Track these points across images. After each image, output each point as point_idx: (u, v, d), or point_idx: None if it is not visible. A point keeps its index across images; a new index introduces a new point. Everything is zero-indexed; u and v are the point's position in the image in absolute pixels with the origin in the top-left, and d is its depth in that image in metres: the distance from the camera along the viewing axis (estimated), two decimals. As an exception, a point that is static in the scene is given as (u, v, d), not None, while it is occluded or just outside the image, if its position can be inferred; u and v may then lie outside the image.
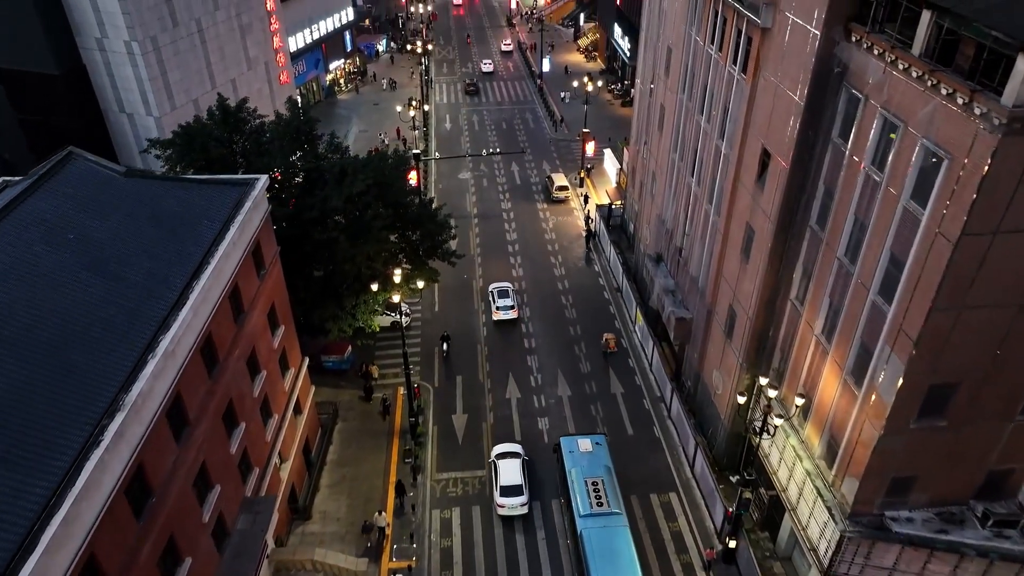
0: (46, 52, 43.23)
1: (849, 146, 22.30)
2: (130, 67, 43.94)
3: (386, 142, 62.35)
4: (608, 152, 58.88)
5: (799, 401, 25.50)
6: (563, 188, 56.75)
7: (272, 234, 29.24)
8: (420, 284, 34.06)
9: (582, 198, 56.86)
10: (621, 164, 55.70)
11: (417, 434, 34.48)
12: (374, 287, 31.52)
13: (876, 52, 20.43)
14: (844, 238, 23.07)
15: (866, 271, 21.81)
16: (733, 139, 29.20)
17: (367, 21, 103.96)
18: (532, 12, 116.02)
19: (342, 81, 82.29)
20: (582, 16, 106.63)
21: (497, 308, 42.78)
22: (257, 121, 34.78)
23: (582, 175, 58.73)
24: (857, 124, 21.80)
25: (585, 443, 31.61)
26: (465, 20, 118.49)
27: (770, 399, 25.00)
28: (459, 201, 57.59)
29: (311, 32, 72.64)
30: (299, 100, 50.28)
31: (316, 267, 32.95)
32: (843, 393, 23.47)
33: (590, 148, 57.97)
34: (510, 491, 30.66)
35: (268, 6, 54.52)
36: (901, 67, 19.29)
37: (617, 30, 77.89)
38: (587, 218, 53.22)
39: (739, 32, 28.32)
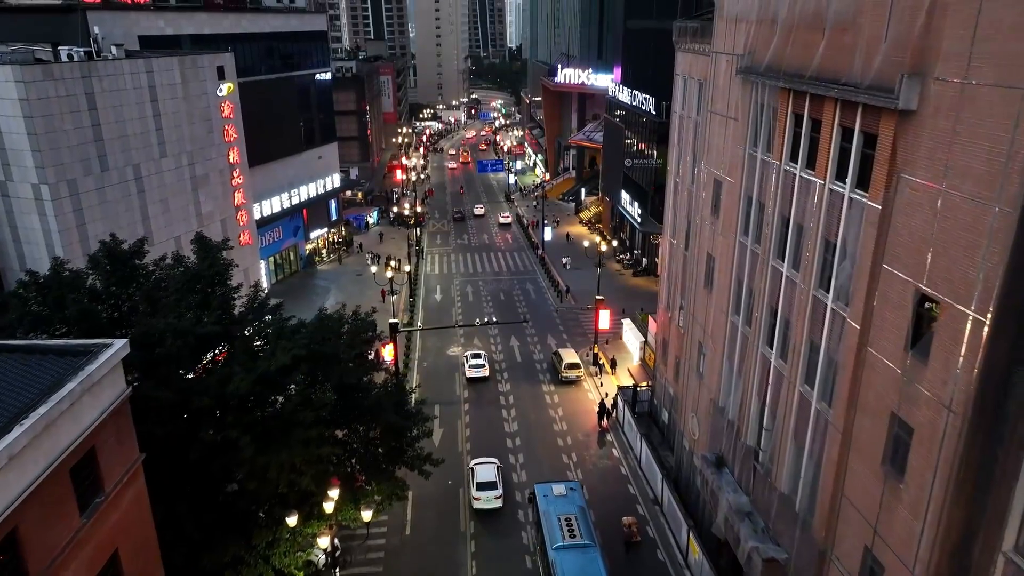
0: (-69, 197, 34.82)
1: None
2: (36, 215, 35.30)
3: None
4: (628, 323, 49.24)
5: None
6: (574, 366, 46.36)
7: (131, 433, 18.26)
8: (366, 516, 22.43)
9: (610, 362, 47.13)
10: (645, 337, 45.83)
11: None
12: (291, 520, 19.89)
13: None
14: None
15: None
16: (851, 288, 19.23)
17: (360, 195, 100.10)
18: (534, 189, 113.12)
19: (324, 251, 74.97)
20: (583, 191, 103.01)
21: (470, 367, 46.14)
22: (164, 272, 25.13)
23: (596, 351, 48.63)
24: None
25: (559, 488, 31.04)
26: (460, 181, 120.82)
27: None
28: (447, 383, 46.92)
29: (290, 197, 66.17)
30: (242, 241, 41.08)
31: (211, 484, 21.48)
32: None
33: (605, 318, 48.39)
34: (485, 486, 33.21)
35: (231, 158, 47.48)
36: None
37: (624, 196, 71.90)
38: (612, 400, 42.50)
39: (843, 132, 19.43)
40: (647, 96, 63.73)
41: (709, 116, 29.65)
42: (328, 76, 73.40)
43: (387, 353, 43.30)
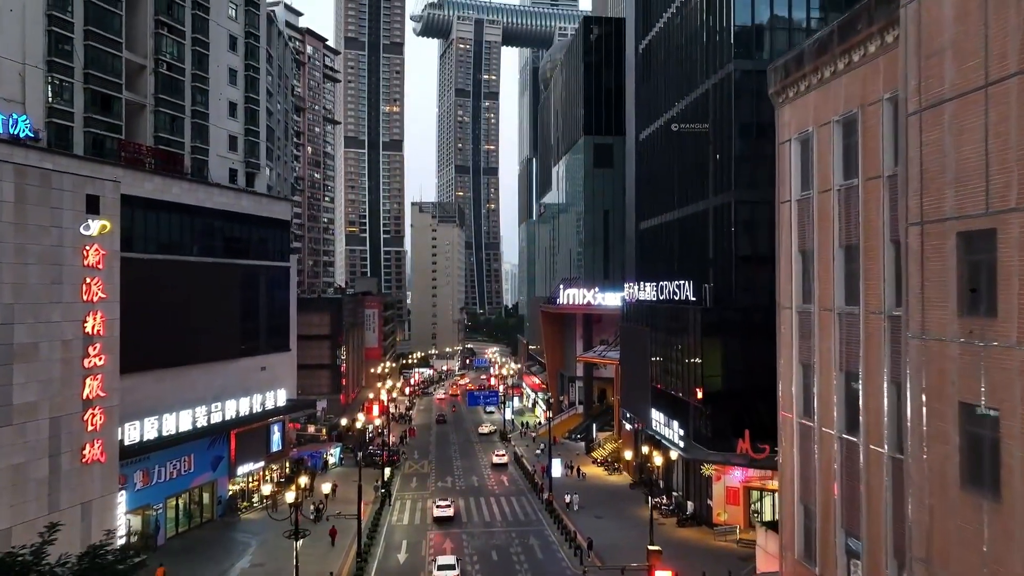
0: None
1: None
2: None
3: None
4: (708, 593, 29.46)
5: None
6: (621, 677, 25.93)
7: None
8: None
9: None
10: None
11: None
12: None
13: None
14: None
15: None
16: None
17: (323, 432, 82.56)
18: (534, 427, 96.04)
19: (256, 496, 55.44)
20: (594, 427, 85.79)
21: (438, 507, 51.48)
22: None
23: (654, 646, 28.36)
24: None
25: None
26: (450, 404, 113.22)
27: None
28: None
29: (210, 413, 49.03)
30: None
31: None
32: None
33: (665, 587, 28.76)
34: (445, 567, 38.36)
35: (90, 327, 31.58)
36: None
37: (656, 417, 54.87)
38: None
39: None
40: (682, 282, 50.24)
41: (925, 120, 14.66)
42: (287, 271, 60.57)
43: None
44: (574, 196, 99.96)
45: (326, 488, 40.98)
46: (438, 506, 51.25)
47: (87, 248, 31.57)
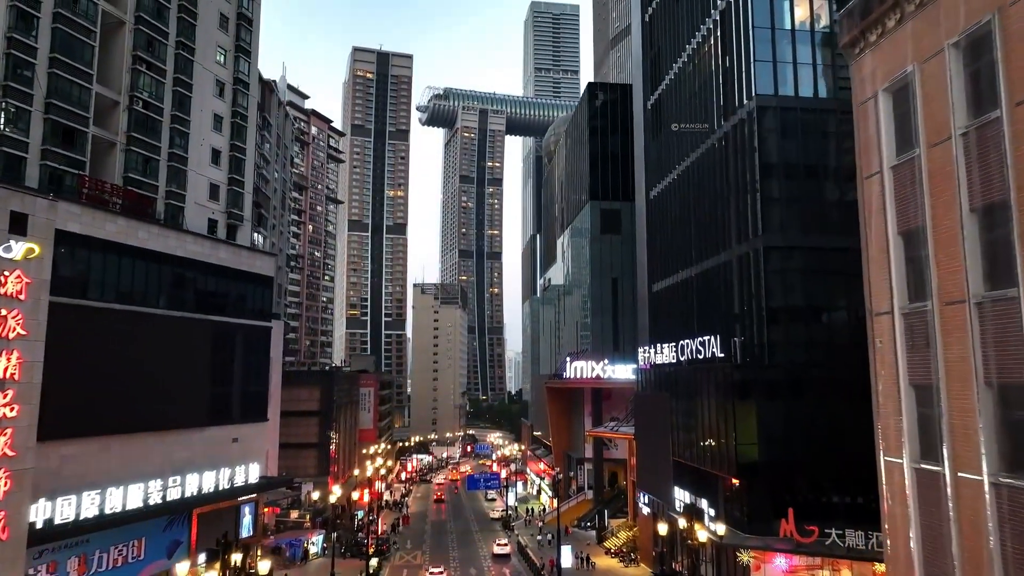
0: None
1: None
2: None
3: None
4: None
5: None
6: None
7: None
8: None
9: None
10: None
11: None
12: None
13: None
14: None
15: None
16: None
17: (307, 519, 74.77)
18: (540, 513, 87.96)
19: (220, 587, 47.90)
20: (605, 513, 77.84)
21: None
22: None
23: None
24: None
25: None
26: (450, 492, 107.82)
27: None
28: None
29: (166, 488, 42.41)
30: None
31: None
32: None
33: None
34: None
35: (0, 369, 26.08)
36: None
37: (681, 497, 47.92)
38: None
39: None
40: (707, 338, 44.64)
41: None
42: (268, 332, 55.05)
43: None
44: (580, 265, 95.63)
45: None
46: (431, 573, 53.71)
47: (6, 274, 26.42)
